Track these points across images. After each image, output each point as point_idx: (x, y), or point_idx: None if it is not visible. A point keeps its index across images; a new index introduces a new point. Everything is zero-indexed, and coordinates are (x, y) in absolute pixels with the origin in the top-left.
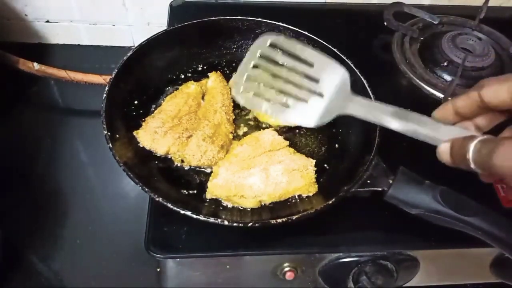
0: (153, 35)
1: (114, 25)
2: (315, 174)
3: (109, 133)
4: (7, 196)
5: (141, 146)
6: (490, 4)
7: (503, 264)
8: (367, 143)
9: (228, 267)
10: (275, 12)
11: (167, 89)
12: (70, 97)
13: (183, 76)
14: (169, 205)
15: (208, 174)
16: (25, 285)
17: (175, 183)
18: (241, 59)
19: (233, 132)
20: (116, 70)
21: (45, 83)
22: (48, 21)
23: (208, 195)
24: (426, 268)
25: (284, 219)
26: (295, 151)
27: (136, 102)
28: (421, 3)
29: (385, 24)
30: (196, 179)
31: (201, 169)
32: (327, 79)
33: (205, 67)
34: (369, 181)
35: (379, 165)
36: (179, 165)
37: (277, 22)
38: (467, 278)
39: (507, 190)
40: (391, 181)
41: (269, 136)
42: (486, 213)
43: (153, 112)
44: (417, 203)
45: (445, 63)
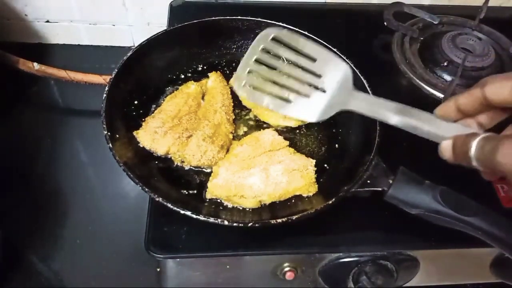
0: (153, 35)
1: (114, 25)
2: (315, 174)
3: (109, 133)
4: (7, 196)
5: (141, 146)
6: (490, 4)
7: (503, 264)
8: (367, 143)
9: (228, 267)
10: (275, 12)
11: (167, 89)
12: (70, 97)
13: (183, 76)
14: (169, 205)
15: (208, 174)
16: (25, 285)
17: (175, 183)
18: (241, 59)
19: (233, 132)
20: (116, 70)
21: (45, 83)
22: (48, 21)
23: (208, 195)
24: (426, 268)
25: (284, 219)
26: (295, 151)
27: (136, 102)
28: (421, 3)
29: (385, 24)
30: (196, 179)
31: (201, 169)
32: (329, 75)
33: (205, 67)
34: (369, 181)
35: (379, 165)
36: (179, 165)
37: (277, 22)
38: (467, 278)
39: (507, 190)
40: (391, 181)
41: (269, 136)
42: (486, 213)
43: (153, 112)
44: (417, 203)
45: (445, 63)
